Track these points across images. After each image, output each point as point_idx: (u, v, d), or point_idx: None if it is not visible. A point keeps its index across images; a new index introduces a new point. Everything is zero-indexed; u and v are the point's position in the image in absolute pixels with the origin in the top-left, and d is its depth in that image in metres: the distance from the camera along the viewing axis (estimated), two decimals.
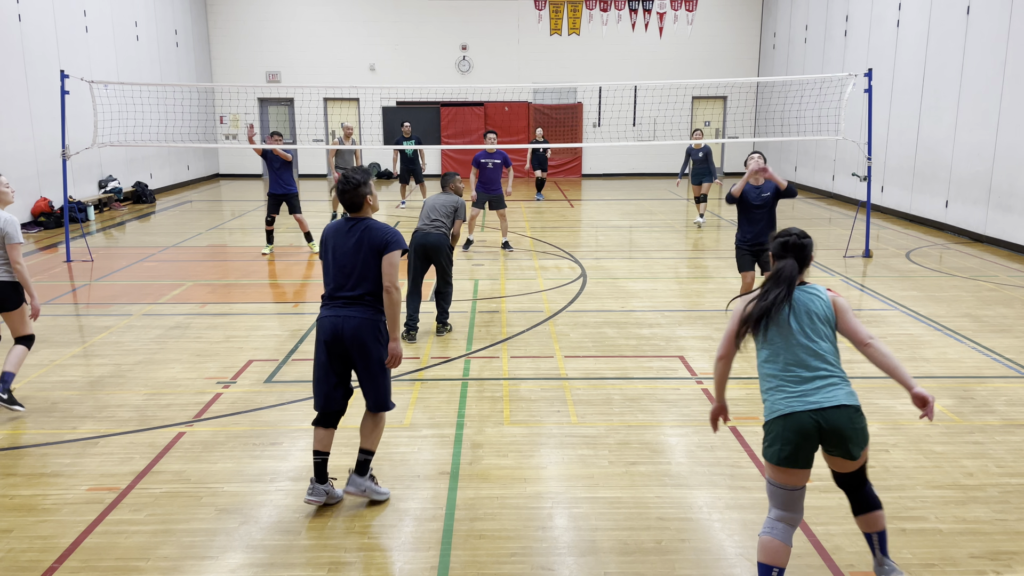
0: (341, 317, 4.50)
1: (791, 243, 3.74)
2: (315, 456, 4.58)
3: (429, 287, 8.57)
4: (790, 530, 3.61)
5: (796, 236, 3.77)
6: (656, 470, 5.06)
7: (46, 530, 4.39)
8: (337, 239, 4.58)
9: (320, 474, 4.56)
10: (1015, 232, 12.39)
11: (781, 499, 3.61)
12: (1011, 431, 5.66)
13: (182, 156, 21.91)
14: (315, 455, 4.58)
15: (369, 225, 4.54)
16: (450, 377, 6.80)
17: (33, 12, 14.71)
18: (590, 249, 12.65)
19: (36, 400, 6.27)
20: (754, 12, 24.13)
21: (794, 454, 3.49)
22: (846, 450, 3.51)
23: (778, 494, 3.61)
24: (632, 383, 6.64)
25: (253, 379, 6.75)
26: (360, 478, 4.62)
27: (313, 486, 4.54)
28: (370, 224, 4.55)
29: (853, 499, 3.77)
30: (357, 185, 4.56)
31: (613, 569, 4.01)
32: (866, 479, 3.73)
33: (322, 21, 23.62)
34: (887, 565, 3.79)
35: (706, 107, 24.91)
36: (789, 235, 3.77)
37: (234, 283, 10.46)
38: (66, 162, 11.87)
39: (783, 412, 3.53)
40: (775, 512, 3.63)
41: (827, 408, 3.48)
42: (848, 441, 3.49)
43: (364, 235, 4.50)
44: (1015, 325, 8.34)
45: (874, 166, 15.23)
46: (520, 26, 23.98)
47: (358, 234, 4.51)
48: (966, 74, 13.65)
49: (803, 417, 3.48)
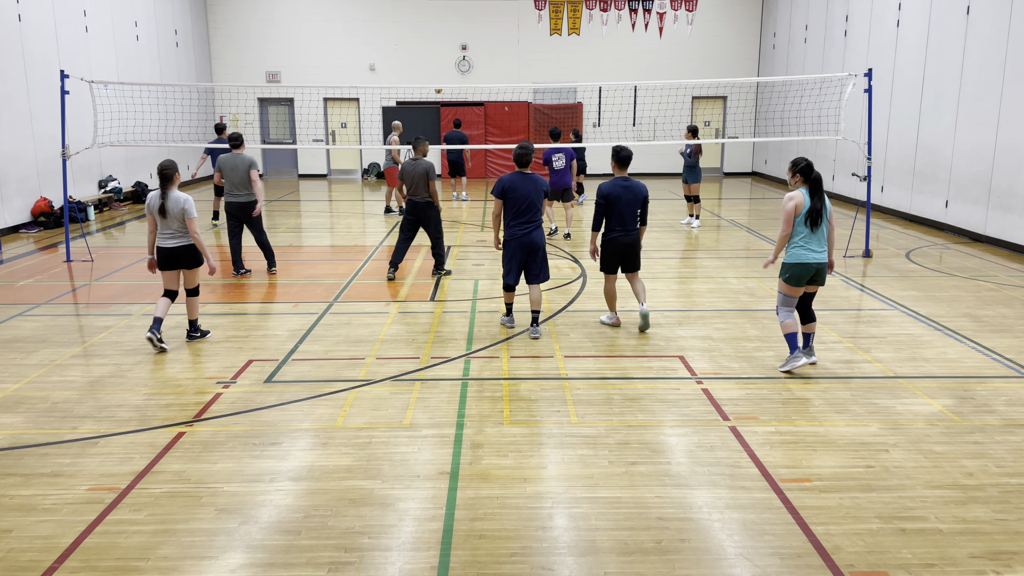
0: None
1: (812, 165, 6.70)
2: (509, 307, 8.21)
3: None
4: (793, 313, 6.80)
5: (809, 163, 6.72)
6: (656, 470, 5.06)
7: (46, 530, 4.39)
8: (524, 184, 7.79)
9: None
10: (1015, 232, 12.39)
11: (791, 303, 6.77)
12: (1011, 431, 5.66)
13: (182, 156, 21.89)
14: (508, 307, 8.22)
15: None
16: (450, 377, 6.80)
17: (33, 12, 14.71)
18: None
19: (36, 400, 6.27)
20: (754, 12, 24.13)
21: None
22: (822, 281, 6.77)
23: (789, 301, 6.77)
24: (632, 383, 6.64)
25: (253, 379, 6.75)
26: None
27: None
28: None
29: (804, 314, 6.88)
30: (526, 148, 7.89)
31: (613, 569, 4.01)
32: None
33: (322, 21, 23.62)
34: (810, 348, 6.92)
35: (706, 107, 24.91)
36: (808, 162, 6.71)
37: (234, 283, 10.45)
38: (66, 162, 11.87)
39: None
40: (787, 310, 6.76)
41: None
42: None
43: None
44: (1015, 325, 8.34)
45: (874, 166, 15.25)
46: (520, 26, 23.98)
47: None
48: (966, 74, 13.65)
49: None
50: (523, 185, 7.73)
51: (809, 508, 4.58)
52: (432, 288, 10.03)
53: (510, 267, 7.90)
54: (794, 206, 6.59)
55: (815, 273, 6.64)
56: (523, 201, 7.72)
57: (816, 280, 6.69)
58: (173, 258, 7.54)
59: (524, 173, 7.77)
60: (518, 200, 7.73)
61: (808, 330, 6.91)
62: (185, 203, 7.39)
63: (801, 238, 6.61)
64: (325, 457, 5.26)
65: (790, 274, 6.64)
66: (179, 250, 7.53)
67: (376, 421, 5.84)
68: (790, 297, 6.74)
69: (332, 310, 8.96)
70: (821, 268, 6.65)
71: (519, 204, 7.73)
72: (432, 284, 10.24)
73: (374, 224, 15.78)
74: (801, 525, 4.40)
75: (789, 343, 6.79)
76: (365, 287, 10.17)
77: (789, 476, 4.96)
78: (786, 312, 6.78)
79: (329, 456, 5.27)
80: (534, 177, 7.76)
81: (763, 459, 5.20)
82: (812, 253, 6.59)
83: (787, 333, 6.78)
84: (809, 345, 6.92)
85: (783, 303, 6.78)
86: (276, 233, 14.48)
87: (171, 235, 7.47)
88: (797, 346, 6.75)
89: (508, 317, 8.25)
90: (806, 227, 6.58)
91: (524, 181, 7.74)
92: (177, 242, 7.51)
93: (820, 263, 6.62)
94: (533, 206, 7.77)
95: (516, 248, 7.81)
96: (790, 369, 6.78)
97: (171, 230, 7.45)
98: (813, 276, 6.65)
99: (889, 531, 4.34)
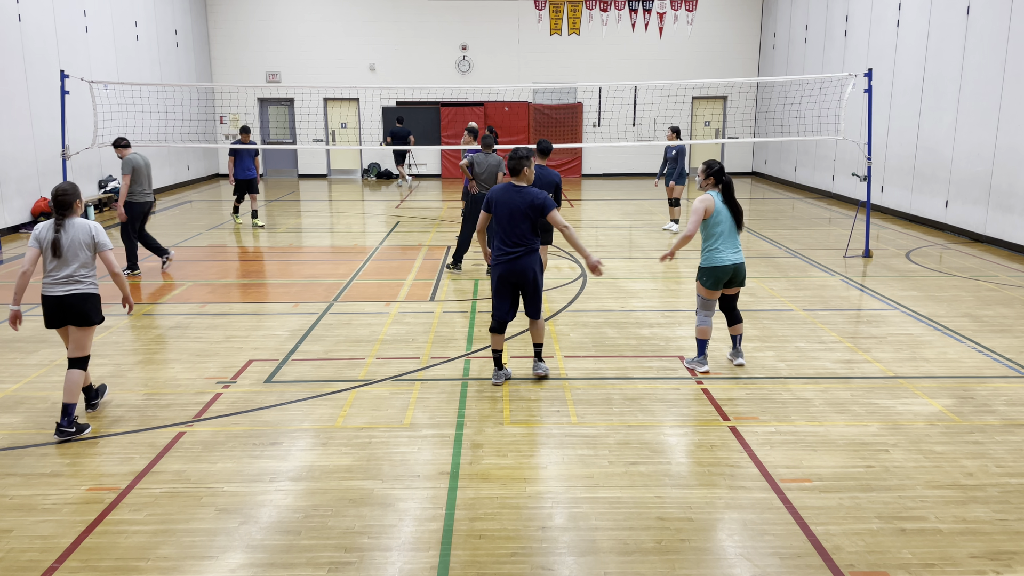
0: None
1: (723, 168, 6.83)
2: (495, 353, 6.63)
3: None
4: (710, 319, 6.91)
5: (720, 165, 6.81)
6: (656, 470, 5.06)
7: (46, 530, 4.39)
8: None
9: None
10: (1015, 232, 12.38)
11: (711, 306, 6.88)
12: (1011, 431, 5.66)
13: (182, 156, 21.91)
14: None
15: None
16: (450, 377, 6.80)
17: (33, 12, 14.71)
18: (590, 249, 12.64)
19: (36, 400, 6.27)
20: (754, 12, 24.13)
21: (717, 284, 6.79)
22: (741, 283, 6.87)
23: (708, 304, 6.87)
24: (632, 383, 6.64)
25: (253, 379, 6.75)
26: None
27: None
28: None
29: (729, 316, 7.00)
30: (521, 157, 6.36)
31: (613, 569, 4.01)
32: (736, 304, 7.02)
33: (322, 21, 23.62)
34: (738, 351, 7.05)
35: (706, 107, 24.91)
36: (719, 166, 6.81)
37: (234, 283, 10.45)
38: (66, 162, 11.85)
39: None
40: (705, 313, 6.86)
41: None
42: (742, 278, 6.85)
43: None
44: (1015, 325, 8.34)
45: (874, 166, 15.24)
46: (520, 26, 23.98)
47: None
48: (966, 74, 13.65)
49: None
50: (508, 200, 6.30)
51: (809, 508, 4.58)
52: (432, 288, 10.03)
53: (495, 301, 6.52)
54: (704, 208, 6.59)
55: (733, 274, 6.70)
56: (505, 218, 6.29)
57: (734, 281, 6.75)
58: (61, 311, 5.53)
59: (515, 186, 6.35)
60: (500, 217, 6.34)
61: (735, 331, 7.02)
62: (95, 232, 5.57)
63: (718, 241, 6.64)
64: (325, 457, 5.26)
65: (707, 278, 6.71)
66: (72, 299, 5.52)
67: (376, 421, 5.84)
68: (709, 301, 6.83)
69: (332, 310, 8.96)
70: (738, 268, 6.70)
71: (502, 222, 6.33)
72: (432, 284, 10.24)
73: (374, 224, 15.79)
74: (801, 525, 4.40)
75: (699, 346, 6.89)
76: (365, 287, 10.18)
77: (789, 476, 4.96)
78: (704, 316, 6.85)
79: (329, 456, 5.27)
80: (526, 192, 6.28)
81: (763, 459, 5.20)
82: (728, 255, 6.64)
83: (700, 338, 6.89)
84: (737, 348, 7.03)
85: (702, 306, 6.85)
86: (276, 233, 14.50)
87: (65, 279, 5.50)
88: (705, 352, 6.88)
89: (498, 370, 6.60)
90: (720, 230, 6.62)
91: (511, 195, 6.31)
92: (71, 288, 5.51)
93: (737, 263, 6.67)
94: (519, 227, 6.27)
95: (497, 276, 6.41)
96: (693, 368, 6.87)
97: (66, 272, 5.51)
98: (731, 278, 6.71)
99: (889, 531, 4.34)
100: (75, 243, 5.51)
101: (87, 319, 5.58)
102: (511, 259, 6.32)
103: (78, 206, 5.59)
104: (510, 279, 6.38)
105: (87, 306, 5.57)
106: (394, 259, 11.95)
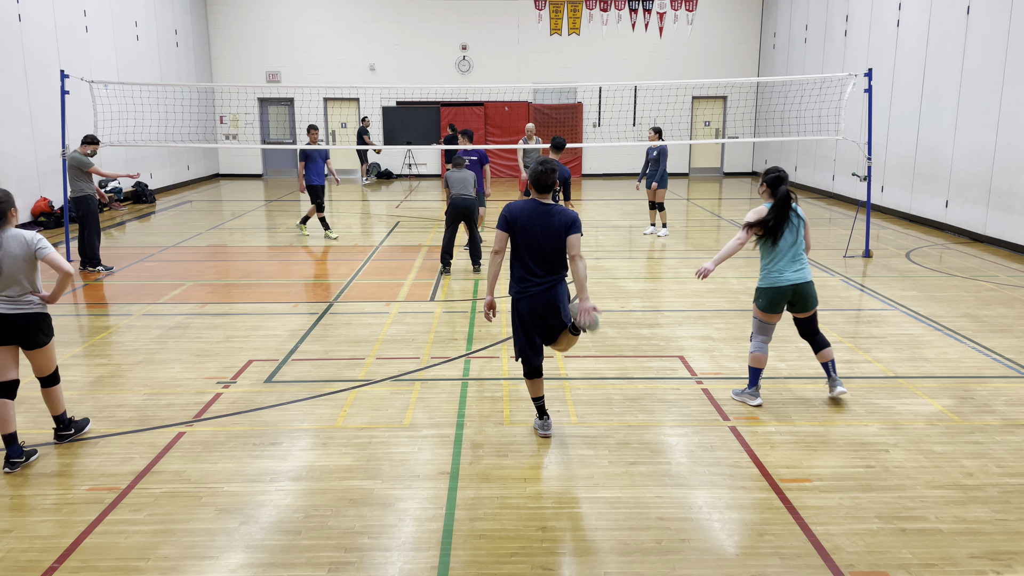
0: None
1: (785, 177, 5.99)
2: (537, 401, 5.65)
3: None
4: (766, 346, 6.15)
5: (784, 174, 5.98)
6: (656, 470, 5.06)
7: (46, 530, 4.39)
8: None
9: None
10: (1015, 232, 12.38)
11: (768, 330, 6.08)
12: (1011, 431, 5.66)
13: (182, 156, 21.91)
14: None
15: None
16: (450, 377, 6.80)
17: (33, 12, 14.71)
18: (590, 249, 12.65)
19: (36, 400, 6.26)
20: (754, 12, 24.13)
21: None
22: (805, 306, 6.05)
23: (766, 328, 6.07)
24: (632, 383, 6.64)
25: (253, 379, 6.75)
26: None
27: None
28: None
29: (813, 343, 6.17)
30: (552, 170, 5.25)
31: (613, 569, 4.01)
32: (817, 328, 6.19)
33: (322, 21, 23.62)
34: (834, 379, 6.18)
35: (706, 107, 24.91)
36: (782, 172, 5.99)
37: (234, 283, 10.45)
38: (66, 162, 11.86)
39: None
40: (761, 339, 6.08)
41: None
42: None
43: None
44: (1015, 325, 8.34)
45: (874, 166, 15.24)
46: (520, 26, 23.98)
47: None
48: (966, 74, 13.65)
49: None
50: (537, 221, 5.16)
51: (809, 508, 4.58)
52: (432, 288, 10.03)
53: (521, 343, 5.41)
54: (756, 222, 5.90)
55: (794, 295, 5.91)
56: (534, 243, 5.17)
57: (799, 304, 5.96)
58: (4, 329, 5.07)
59: (542, 204, 5.21)
60: (528, 242, 5.19)
61: (824, 358, 6.13)
62: (35, 243, 5.05)
63: (776, 258, 5.91)
64: (325, 457, 5.26)
65: (763, 299, 5.97)
66: (16, 319, 5.07)
67: (376, 421, 5.84)
68: (766, 324, 6.03)
69: (332, 310, 8.96)
70: (800, 289, 5.88)
71: (530, 247, 5.19)
72: (432, 284, 10.24)
73: (374, 224, 15.79)
74: (801, 525, 4.40)
75: (751, 375, 6.09)
76: (365, 287, 10.18)
77: (789, 476, 4.96)
78: (760, 342, 6.05)
79: (329, 456, 5.27)
80: (557, 211, 5.17)
81: (763, 459, 5.20)
82: (788, 273, 5.88)
83: (753, 366, 6.07)
84: (833, 375, 6.15)
85: (759, 330, 6.06)
86: (276, 233, 14.50)
87: (5, 299, 5.05)
88: (758, 383, 6.10)
89: (542, 420, 5.59)
90: (778, 247, 5.89)
91: (540, 215, 5.16)
92: (15, 307, 5.07)
93: (797, 283, 5.86)
94: (550, 252, 5.19)
95: (527, 313, 5.29)
96: (744, 401, 6.12)
97: (5, 290, 5.05)
98: (793, 299, 5.95)
99: (889, 531, 4.34)
100: (11, 256, 5.02)
101: (36, 341, 5.17)
102: (542, 289, 5.24)
103: (13, 215, 5.10)
104: (540, 313, 5.30)
105: (32, 327, 5.14)
106: (394, 259, 11.95)
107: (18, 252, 5.03)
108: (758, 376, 6.10)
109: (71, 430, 5.56)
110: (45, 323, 5.23)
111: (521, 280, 5.27)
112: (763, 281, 5.99)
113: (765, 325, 6.03)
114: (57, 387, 5.42)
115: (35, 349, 5.20)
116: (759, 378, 6.11)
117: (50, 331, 5.30)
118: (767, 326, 6.03)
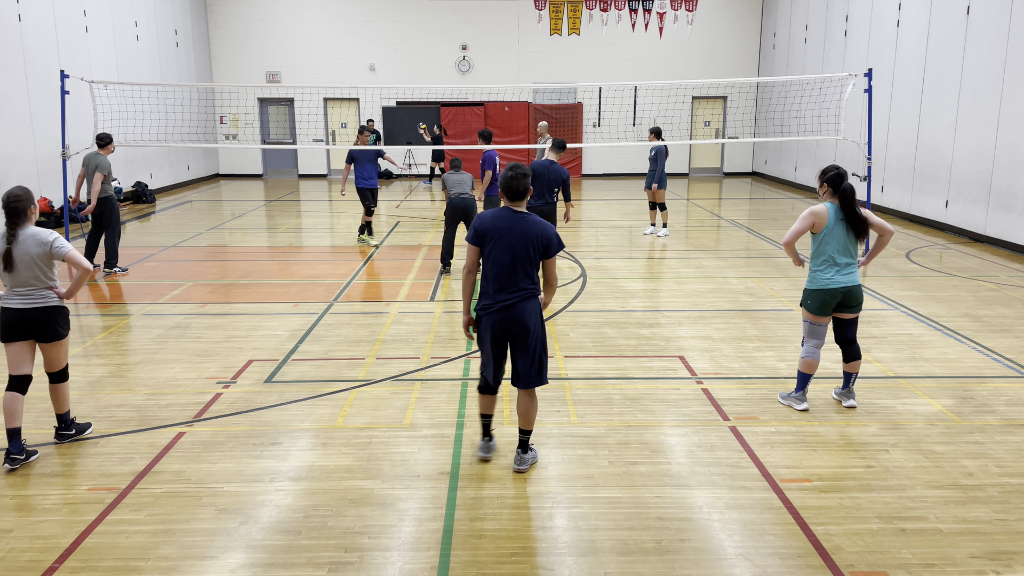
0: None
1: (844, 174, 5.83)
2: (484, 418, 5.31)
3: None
4: (819, 350, 6.00)
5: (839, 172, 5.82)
6: (656, 470, 5.06)
7: (46, 530, 4.39)
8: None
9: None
10: (1015, 232, 12.38)
11: (820, 333, 5.95)
12: (1011, 431, 5.66)
13: (182, 156, 21.92)
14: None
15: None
16: (450, 377, 6.80)
17: (33, 12, 14.71)
18: (590, 249, 12.66)
19: (36, 400, 6.26)
20: (754, 12, 24.13)
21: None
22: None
23: (817, 331, 5.94)
24: (632, 383, 6.64)
25: (253, 379, 6.75)
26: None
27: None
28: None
29: (845, 350, 6.03)
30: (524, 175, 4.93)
31: (613, 569, 4.01)
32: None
33: (322, 21, 23.62)
34: (849, 390, 6.12)
35: (706, 107, 24.91)
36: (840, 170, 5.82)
37: (234, 283, 10.45)
38: (66, 162, 11.87)
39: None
40: (813, 343, 5.95)
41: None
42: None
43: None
44: (1015, 325, 8.34)
45: (874, 166, 15.24)
46: (520, 26, 23.98)
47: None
48: (966, 74, 13.65)
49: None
50: (507, 230, 4.83)
51: (809, 508, 4.58)
52: (432, 288, 10.03)
53: (484, 357, 5.06)
54: (812, 220, 5.74)
55: (844, 296, 5.79)
56: (503, 254, 4.82)
57: (846, 304, 5.82)
58: (23, 324, 5.18)
59: (515, 212, 4.89)
60: (497, 253, 4.84)
61: (850, 368, 6.03)
62: (52, 241, 5.13)
63: (828, 261, 5.78)
64: (325, 457, 5.26)
65: (812, 301, 5.84)
66: (34, 313, 5.17)
67: (376, 421, 5.84)
68: (817, 326, 5.88)
69: (332, 310, 8.96)
70: (850, 292, 5.77)
71: (499, 259, 4.83)
72: (432, 284, 10.25)
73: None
74: (801, 525, 4.40)
75: (800, 380, 6.00)
76: (365, 287, 10.18)
77: (789, 476, 4.96)
78: (812, 346, 5.92)
79: (329, 456, 5.27)
80: (531, 221, 4.86)
81: (763, 459, 5.20)
82: (839, 276, 5.75)
83: (803, 371, 5.95)
84: (849, 386, 6.08)
85: (810, 333, 5.93)
86: (276, 233, 14.50)
87: (23, 294, 5.16)
88: (805, 388, 6.00)
89: (484, 441, 5.26)
90: (832, 248, 5.75)
91: (511, 224, 4.85)
92: (31, 302, 5.17)
93: (847, 287, 5.74)
94: (520, 265, 4.83)
95: (487, 328, 4.92)
96: (790, 405, 6.04)
97: (22, 285, 5.16)
98: (843, 300, 5.82)
99: (889, 531, 4.34)
100: (27, 254, 5.10)
101: (54, 334, 5.25)
102: (505, 306, 4.84)
103: (32, 213, 5.19)
104: (503, 329, 4.89)
105: (50, 320, 5.22)
106: (394, 259, 11.95)
107: (35, 250, 5.12)
108: (807, 381, 5.99)
109: (72, 431, 5.58)
110: (62, 316, 5.31)
111: (487, 295, 4.93)
112: (812, 283, 5.85)
113: (816, 327, 5.90)
114: (65, 384, 5.47)
115: (51, 342, 5.28)
116: (808, 383, 6.00)
117: (67, 325, 5.37)
118: (818, 328, 5.90)
